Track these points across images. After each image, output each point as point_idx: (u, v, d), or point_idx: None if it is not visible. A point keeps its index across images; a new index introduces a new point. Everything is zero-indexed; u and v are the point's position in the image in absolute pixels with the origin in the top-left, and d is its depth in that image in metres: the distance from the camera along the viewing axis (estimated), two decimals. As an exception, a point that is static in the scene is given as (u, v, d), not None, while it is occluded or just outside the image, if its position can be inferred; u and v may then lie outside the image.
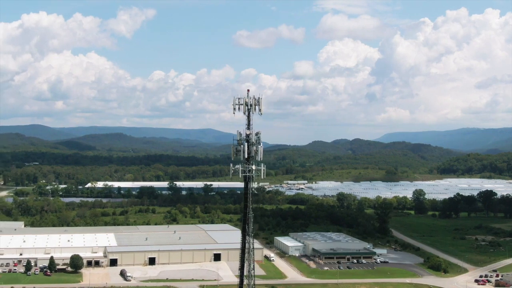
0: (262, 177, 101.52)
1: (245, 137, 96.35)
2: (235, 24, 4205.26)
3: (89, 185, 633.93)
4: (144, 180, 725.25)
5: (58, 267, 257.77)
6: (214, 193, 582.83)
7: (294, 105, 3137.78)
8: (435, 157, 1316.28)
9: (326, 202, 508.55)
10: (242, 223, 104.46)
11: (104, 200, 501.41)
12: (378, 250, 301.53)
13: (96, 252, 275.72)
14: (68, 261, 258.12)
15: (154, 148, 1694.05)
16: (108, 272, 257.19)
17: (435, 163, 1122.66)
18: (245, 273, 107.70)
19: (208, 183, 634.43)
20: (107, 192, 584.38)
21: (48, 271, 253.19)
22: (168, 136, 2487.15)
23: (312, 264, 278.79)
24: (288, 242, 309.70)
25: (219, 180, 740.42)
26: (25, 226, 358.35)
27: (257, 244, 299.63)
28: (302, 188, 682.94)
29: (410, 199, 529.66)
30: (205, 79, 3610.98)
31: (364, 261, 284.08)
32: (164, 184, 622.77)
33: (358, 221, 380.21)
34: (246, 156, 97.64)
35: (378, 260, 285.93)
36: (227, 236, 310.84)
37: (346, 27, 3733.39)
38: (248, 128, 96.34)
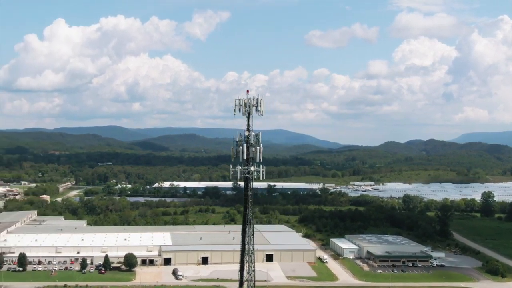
0: (261, 178, 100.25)
1: (244, 138, 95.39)
2: (307, 24, 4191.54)
3: (156, 185, 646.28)
4: (210, 180, 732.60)
5: (113, 265, 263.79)
6: (277, 193, 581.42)
7: (368, 105, 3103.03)
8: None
9: (391, 204, 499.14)
10: (242, 223, 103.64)
11: (168, 200, 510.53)
12: (436, 254, 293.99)
13: (151, 251, 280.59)
14: (122, 260, 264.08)
15: (226, 148, 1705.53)
16: (161, 271, 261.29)
17: (510, 164, 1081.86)
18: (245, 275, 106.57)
19: (272, 183, 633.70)
20: (173, 192, 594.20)
21: (103, 269, 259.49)
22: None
23: (366, 267, 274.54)
24: (343, 244, 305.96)
25: (284, 181, 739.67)
26: (87, 225, 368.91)
27: (310, 245, 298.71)
28: (368, 190, 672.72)
29: (478, 201, 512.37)
30: (277, 79, 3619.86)
31: (419, 264, 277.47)
32: (229, 184, 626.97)
33: (418, 223, 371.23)
34: (245, 157, 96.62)
35: (434, 263, 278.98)
36: (281, 237, 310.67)
37: (421, 26, 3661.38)
38: (248, 129, 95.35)
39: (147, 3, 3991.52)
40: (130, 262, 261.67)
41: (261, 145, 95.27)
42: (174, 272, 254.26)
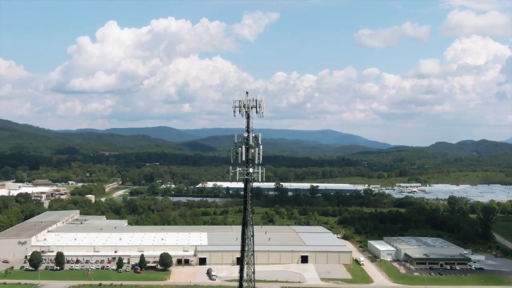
0: (260, 180, 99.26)
1: (244, 140, 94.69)
2: (357, 23, 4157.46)
3: (200, 185, 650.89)
4: (254, 180, 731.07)
5: (148, 264, 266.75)
6: (320, 194, 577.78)
7: (418, 105, 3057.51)
8: None
9: (436, 206, 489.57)
10: (242, 225, 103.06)
11: (210, 200, 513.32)
12: (476, 256, 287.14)
13: (187, 251, 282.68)
14: (158, 259, 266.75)
15: (272, 149, 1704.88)
16: (196, 271, 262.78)
17: None
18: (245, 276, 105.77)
19: (315, 184, 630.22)
20: (216, 192, 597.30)
21: (139, 268, 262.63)
22: (287, 138, 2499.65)
23: (402, 269, 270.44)
24: (381, 246, 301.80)
25: (328, 182, 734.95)
26: (128, 224, 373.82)
27: (346, 247, 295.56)
28: (414, 191, 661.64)
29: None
30: (326, 80, 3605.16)
31: (457, 267, 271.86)
32: (271, 185, 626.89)
33: (460, 225, 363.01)
34: (244, 158, 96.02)
35: (473, 266, 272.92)
36: (317, 238, 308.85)
37: (473, 24, 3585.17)
38: (247, 131, 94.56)
39: (197, 5, 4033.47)
40: (165, 261, 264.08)
41: (261, 146, 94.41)
42: (208, 272, 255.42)
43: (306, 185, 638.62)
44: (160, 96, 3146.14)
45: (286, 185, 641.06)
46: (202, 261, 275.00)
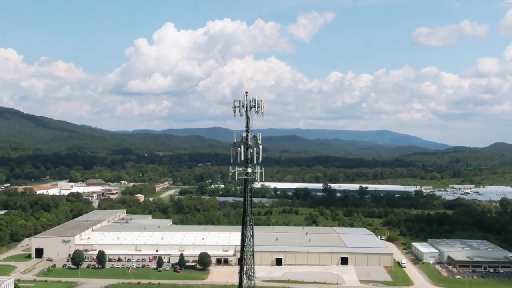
0: (259, 180, 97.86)
1: (243, 140, 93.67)
2: (414, 22, 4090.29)
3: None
4: (303, 181, 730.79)
5: (188, 264, 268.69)
6: (369, 196, 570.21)
7: (477, 105, 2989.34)
8: None
9: (488, 207, 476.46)
10: (242, 225, 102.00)
11: (256, 200, 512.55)
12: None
13: (227, 251, 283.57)
14: (197, 259, 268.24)
15: (326, 150, 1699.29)
16: (234, 271, 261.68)
17: None
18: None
19: (364, 185, 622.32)
20: (264, 193, 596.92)
21: (178, 267, 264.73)
22: (342, 138, 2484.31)
23: (444, 272, 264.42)
24: (424, 248, 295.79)
25: (379, 183, 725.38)
26: (173, 223, 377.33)
27: (388, 249, 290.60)
28: (467, 193, 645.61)
29: None
30: (382, 79, 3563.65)
31: (501, 270, 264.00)
32: (320, 185, 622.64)
33: (507, 228, 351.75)
34: (242, 158, 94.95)
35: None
36: (359, 240, 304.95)
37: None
38: (247, 131, 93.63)
39: (253, 6, 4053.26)
40: (204, 261, 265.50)
41: (260, 146, 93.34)
42: (246, 272, 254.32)
43: (355, 186, 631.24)
44: (215, 97, 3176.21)
45: (335, 186, 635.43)
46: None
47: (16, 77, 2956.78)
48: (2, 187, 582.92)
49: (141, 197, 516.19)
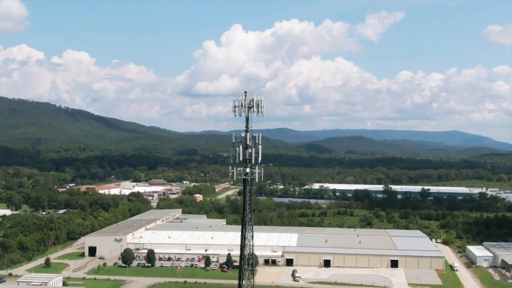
0: (257, 180, 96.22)
1: (242, 140, 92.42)
2: (485, 19, 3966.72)
3: (306, 186, 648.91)
4: (364, 182, 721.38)
5: (235, 263, 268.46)
6: (431, 198, 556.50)
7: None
8: None
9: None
10: (241, 226, 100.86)
11: (313, 201, 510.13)
12: None
13: (275, 251, 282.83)
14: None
15: (393, 150, 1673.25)
16: (281, 272, 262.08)
17: None
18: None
19: (427, 187, 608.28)
20: (322, 194, 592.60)
21: (225, 267, 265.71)
22: (410, 139, 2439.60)
23: (497, 276, 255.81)
24: (479, 251, 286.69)
25: (443, 185, 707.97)
26: (226, 223, 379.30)
27: (440, 252, 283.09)
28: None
29: None
30: (454, 79, 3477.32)
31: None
32: (380, 187, 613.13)
33: None
34: (241, 159, 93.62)
35: None
36: (411, 242, 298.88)
37: None
38: (246, 130, 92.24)
39: (321, 6, 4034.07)
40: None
41: (260, 146, 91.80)
42: (293, 273, 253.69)
43: (417, 188, 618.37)
44: (281, 98, 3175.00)
45: (397, 187, 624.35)
46: (289, 262, 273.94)
47: (89, 80, 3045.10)
48: (67, 187, 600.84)
49: (199, 197, 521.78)
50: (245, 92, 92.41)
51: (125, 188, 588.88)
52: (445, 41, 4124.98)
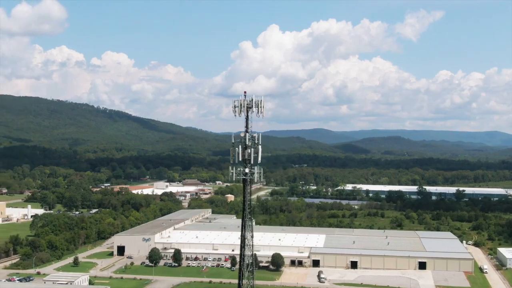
0: (256, 180, 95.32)
1: (242, 140, 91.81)
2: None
3: (339, 187, 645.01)
4: (399, 183, 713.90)
5: (261, 264, 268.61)
6: (466, 199, 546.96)
7: None
8: None
9: None
10: (241, 226, 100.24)
11: (344, 202, 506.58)
12: None
13: (302, 252, 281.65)
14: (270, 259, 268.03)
15: (431, 151, 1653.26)
16: (307, 273, 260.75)
17: None
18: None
19: (462, 188, 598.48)
20: (355, 195, 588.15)
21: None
22: (449, 139, 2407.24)
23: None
24: (509, 253, 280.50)
25: (479, 186, 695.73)
26: (256, 224, 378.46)
27: (469, 254, 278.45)
28: None
29: None
30: (494, 78, 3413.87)
31: None
32: (414, 188, 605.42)
33: None
34: (240, 159, 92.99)
35: None
36: (440, 244, 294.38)
37: None
38: (246, 131, 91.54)
39: (359, 6, 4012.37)
40: (276, 262, 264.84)
41: (260, 146, 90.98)
42: (318, 274, 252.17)
43: (452, 189, 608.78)
44: (318, 98, 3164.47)
45: (432, 189, 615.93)
46: (316, 263, 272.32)
47: (127, 81, 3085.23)
48: (102, 187, 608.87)
49: (230, 197, 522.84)
50: (245, 92, 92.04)
51: (158, 188, 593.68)
52: (485, 40, 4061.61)
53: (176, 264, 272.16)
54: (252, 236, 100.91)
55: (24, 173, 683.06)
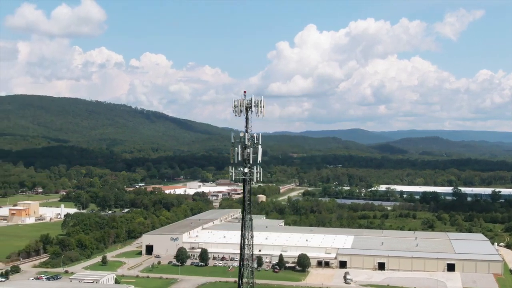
0: (255, 180, 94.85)
1: (241, 140, 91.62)
2: None
3: (373, 188, 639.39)
4: (435, 184, 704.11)
5: (288, 265, 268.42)
6: (502, 200, 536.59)
7: None
8: None
9: None
10: (241, 227, 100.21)
11: (377, 203, 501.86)
12: None
13: (329, 253, 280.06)
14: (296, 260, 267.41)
15: (470, 151, 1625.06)
16: (334, 274, 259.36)
17: None
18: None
19: (498, 189, 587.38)
20: (388, 196, 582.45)
21: (277, 268, 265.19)
22: (489, 140, 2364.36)
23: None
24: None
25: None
26: (285, 224, 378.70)
27: (499, 256, 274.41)
28: None
29: None
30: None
31: None
32: (449, 189, 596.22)
33: None
34: (239, 158, 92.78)
35: None
36: (471, 246, 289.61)
37: None
38: (246, 131, 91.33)
39: (398, 5, 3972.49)
40: (302, 262, 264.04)
41: (259, 146, 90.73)
42: (344, 276, 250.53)
43: (488, 190, 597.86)
44: (356, 98, 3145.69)
45: (467, 190, 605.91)
46: (343, 264, 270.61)
47: (166, 82, 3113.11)
48: (136, 186, 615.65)
49: (262, 198, 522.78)
50: (244, 92, 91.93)
51: (191, 188, 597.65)
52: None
53: (202, 264, 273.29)
54: (252, 236, 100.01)
55: (61, 173, 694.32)
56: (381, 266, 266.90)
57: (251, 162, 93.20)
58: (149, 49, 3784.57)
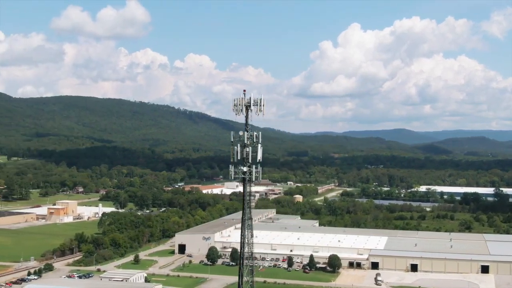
0: (254, 180, 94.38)
1: (241, 138, 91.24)
2: None
3: (413, 189, 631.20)
4: (477, 185, 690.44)
5: (318, 265, 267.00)
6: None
7: None
8: None
9: None
10: (241, 227, 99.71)
11: (415, 204, 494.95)
12: None
13: (361, 254, 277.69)
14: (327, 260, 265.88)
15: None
16: (365, 275, 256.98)
17: None
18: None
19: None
20: (429, 197, 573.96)
21: (308, 268, 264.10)
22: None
23: None
24: None
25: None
26: (320, 225, 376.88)
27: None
28: None
29: None
30: None
31: None
32: (491, 190, 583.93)
33: None
34: (239, 158, 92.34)
35: None
36: (506, 247, 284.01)
37: None
38: (246, 129, 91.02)
39: (444, 4, 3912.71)
40: (333, 263, 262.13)
41: (259, 145, 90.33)
42: (375, 277, 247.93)
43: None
44: (400, 98, 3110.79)
45: (510, 190, 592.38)
46: (375, 265, 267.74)
47: (209, 83, 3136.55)
48: (175, 186, 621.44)
49: (299, 198, 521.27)
50: (244, 90, 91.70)
51: (228, 187, 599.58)
52: None
53: (233, 263, 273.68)
54: (252, 235, 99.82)
55: (102, 173, 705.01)
56: (414, 268, 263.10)
57: (250, 161, 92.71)
58: (193, 50, 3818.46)
